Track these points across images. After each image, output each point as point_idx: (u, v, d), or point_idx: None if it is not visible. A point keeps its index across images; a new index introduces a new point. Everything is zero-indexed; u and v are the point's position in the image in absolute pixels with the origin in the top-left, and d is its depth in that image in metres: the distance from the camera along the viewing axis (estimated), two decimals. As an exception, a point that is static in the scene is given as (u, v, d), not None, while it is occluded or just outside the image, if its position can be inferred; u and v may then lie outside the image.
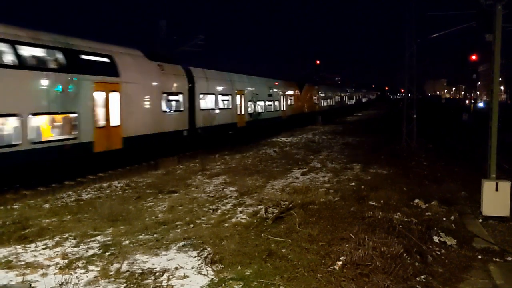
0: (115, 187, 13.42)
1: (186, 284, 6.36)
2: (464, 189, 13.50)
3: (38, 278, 6.53)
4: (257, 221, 9.45)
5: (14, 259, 7.33)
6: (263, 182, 13.86)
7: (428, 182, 14.33)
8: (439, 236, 8.92)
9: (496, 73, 11.12)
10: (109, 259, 7.30)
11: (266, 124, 32.79)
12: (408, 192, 12.51)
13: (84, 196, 12.25)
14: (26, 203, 11.37)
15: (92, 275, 6.63)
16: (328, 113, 54.05)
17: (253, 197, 11.86)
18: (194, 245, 7.91)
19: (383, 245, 7.40)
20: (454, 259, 7.99)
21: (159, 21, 37.03)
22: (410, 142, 24.43)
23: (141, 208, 10.80)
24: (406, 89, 28.00)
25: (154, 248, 7.81)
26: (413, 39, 24.64)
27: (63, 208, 10.80)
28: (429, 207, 11.10)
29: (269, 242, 8.01)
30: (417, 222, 9.49)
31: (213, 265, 6.96)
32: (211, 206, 10.89)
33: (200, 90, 23.21)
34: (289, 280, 6.35)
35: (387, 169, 16.42)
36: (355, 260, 6.79)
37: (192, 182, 14.09)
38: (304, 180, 14.47)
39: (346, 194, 12.03)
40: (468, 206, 11.79)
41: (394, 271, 6.54)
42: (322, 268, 6.71)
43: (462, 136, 30.96)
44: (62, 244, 8.08)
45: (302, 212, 9.89)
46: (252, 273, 6.64)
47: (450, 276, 7.19)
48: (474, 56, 57.29)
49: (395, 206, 10.68)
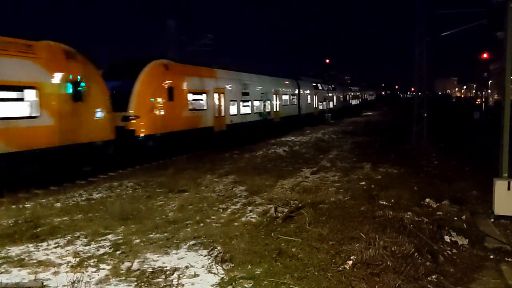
0: (125, 186, 13.50)
1: (196, 282, 6.37)
2: (475, 188, 13.39)
3: (50, 276, 6.58)
4: (267, 220, 9.45)
5: (26, 257, 7.40)
6: (272, 182, 13.85)
7: (439, 181, 14.22)
8: (451, 235, 8.86)
9: (508, 71, 11.00)
10: (120, 257, 7.34)
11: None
12: (418, 192, 12.42)
13: (95, 195, 12.33)
14: (38, 202, 11.48)
15: (103, 274, 6.67)
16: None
17: (263, 196, 11.86)
18: (204, 244, 7.93)
19: (394, 244, 7.37)
20: (466, 258, 7.93)
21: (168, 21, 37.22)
22: (420, 141, 24.28)
23: (152, 207, 10.85)
24: (416, 88, 27.84)
25: (164, 247, 7.84)
26: (423, 37, 24.50)
27: (74, 207, 10.88)
28: (440, 206, 11.03)
29: (279, 241, 8.01)
30: (428, 222, 9.44)
31: (223, 264, 6.97)
32: (221, 205, 10.90)
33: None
34: (299, 279, 6.34)
35: (398, 168, 16.32)
36: (365, 260, 6.76)
37: (201, 181, 14.13)
38: (313, 179, 14.43)
39: (356, 193, 11.98)
40: (480, 206, 11.69)
41: (405, 270, 6.50)
42: (332, 268, 6.69)
43: (473, 135, 30.68)
44: (74, 243, 8.14)
45: (312, 211, 9.87)
46: (262, 272, 6.64)
47: (462, 276, 7.14)
48: (485, 54, 56.79)
49: (405, 205, 10.62)
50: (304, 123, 38.46)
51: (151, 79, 19.35)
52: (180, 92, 21.00)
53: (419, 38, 24.59)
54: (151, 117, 19.05)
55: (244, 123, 28.15)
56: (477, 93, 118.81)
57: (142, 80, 18.91)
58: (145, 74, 19.14)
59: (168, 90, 19.97)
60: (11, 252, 7.65)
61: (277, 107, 33.83)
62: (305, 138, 28.88)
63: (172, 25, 37.58)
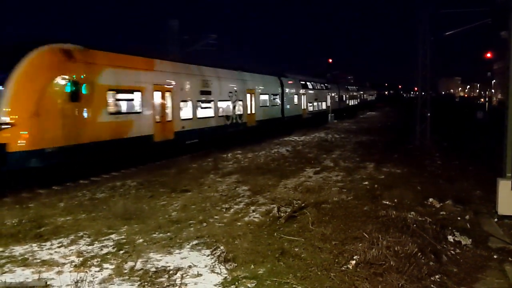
0: (128, 186, 13.52)
1: (199, 282, 6.38)
2: (479, 188, 13.36)
3: (54, 276, 6.60)
4: (270, 220, 9.45)
5: (30, 257, 7.42)
6: (275, 181, 13.84)
7: (442, 181, 14.19)
8: (454, 235, 8.83)
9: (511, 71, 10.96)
10: (123, 257, 7.35)
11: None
12: (422, 191, 12.40)
13: (98, 195, 12.35)
14: (41, 201, 11.50)
15: (107, 273, 6.68)
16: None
17: (266, 196, 11.85)
18: (207, 244, 7.93)
19: (397, 244, 7.35)
20: (469, 258, 7.91)
21: (171, 21, 37.24)
22: (423, 141, 24.23)
23: (155, 206, 10.86)
24: (419, 88, 27.79)
25: (167, 246, 7.85)
26: (427, 37, 24.44)
27: (77, 207, 10.90)
28: (444, 206, 11.00)
29: (282, 241, 8.01)
30: (431, 222, 9.41)
31: (226, 264, 6.97)
32: (223, 205, 10.90)
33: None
34: (302, 279, 6.33)
35: (401, 168, 16.30)
36: (368, 259, 6.75)
37: (204, 181, 14.14)
38: (317, 179, 14.43)
39: (359, 193, 11.97)
40: (483, 206, 11.65)
41: (408, 270, 6.49)
42: (335, 267, 6.68)
43: (476, 135, 30.60)
44: (77, 243, 8.16)
45: (315, 211, 9.86)
46: (265, 271, 6.63)
47: (465, 276, 7.12)
48: (489, 54, 56.53)
49: (409, 205, 10.60)
50: (289, 127, 32.88)
51: (37, 71, 14.14)
52: (94, 89, 15.62)
53: (423, 37, 24.53)
54: (37, 124, 13.67)
55: (203, 129, 22.87)
56: (481, 93, 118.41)
57: (21, 72, 13.70)
58: (28, 63, 13.93)
59: (71, 86, 14.71)
60: (15, 251, 7.67)
61: (251, 109, 28.73)
62: (308, 138, 28.86)
63: (175, 25, 37.59)
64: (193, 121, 21.90)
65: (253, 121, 28.82)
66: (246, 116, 27.80)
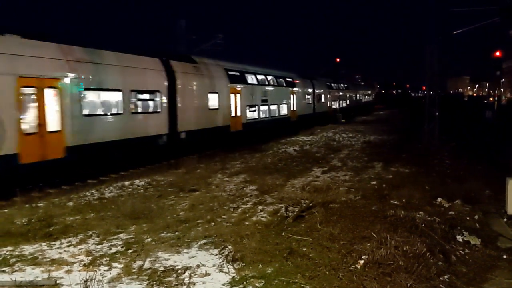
0: (136, 185, 13.58)
1: (207, 281, 6.40)
2: (488, 188, 13.24)
3: (63, 274, 6.65)
4: (277, 219, 9.45)
5: (39, 256, 7.48)
6: (283, 181, 13.84)
7: (451, 181, 14.10)
8: (463, 235, 8.78)
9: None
10: (132, 256, 7.39)
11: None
12: (430, 191, 12.33)
13: (107, 194, 12.42)
14: (50, 201, 11.59)
15: (116, 272, 6.72)
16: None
17: (274, 195, 11.86)
18: (215, 243, 7.95)
19: (406, 244, 7.32)
20: (478, 258, 7.85)
21: (179, 21, 37.36)
22: (432, 140, 24.11)
23: (163, 206, 10.90)
24: (428, 87, 27.65)
25: (175, 245, 7.88)
26: (435, 36, 24.34)
27: (86, 206, 10.98)
28: (452, 206, 10.93)
29: (290, 240, 8.01)
30: (440, 221, 9.35)
31: (234, 263, 6.98)
32: (231, 205, 10.92)
33: None
34: (310, 278, 6.34)
35: (409, 168, 16.23)
36: (377, 259, 6.73)
37: (212, 180, 14.16)
38: (324, 178, 14.40)
39: (367, 193, 11.93)
40: (492, 205, 11.55)
41: (417, 270, 6.46)
42: (343, 267, 6.67)
43: (485, 134, 30.38)
44: (86, 242, 8.21)
45: (323, 210, 9.84)
46: (273, 271, 6.64)
47: (474, 276, 7.08)
48: (497, 53, 56.18)
49: (417, 205, 10.56)
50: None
51: None
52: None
53: (431, 36, 24.44)
54: None
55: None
56: (490, 92, 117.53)
57: None
58: None
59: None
60: (25, 250, 7.73)
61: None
62: (315, 138, 28.83)
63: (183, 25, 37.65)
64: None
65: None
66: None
